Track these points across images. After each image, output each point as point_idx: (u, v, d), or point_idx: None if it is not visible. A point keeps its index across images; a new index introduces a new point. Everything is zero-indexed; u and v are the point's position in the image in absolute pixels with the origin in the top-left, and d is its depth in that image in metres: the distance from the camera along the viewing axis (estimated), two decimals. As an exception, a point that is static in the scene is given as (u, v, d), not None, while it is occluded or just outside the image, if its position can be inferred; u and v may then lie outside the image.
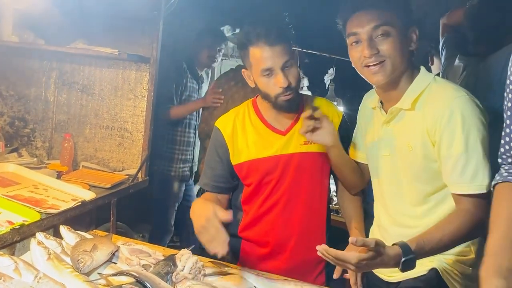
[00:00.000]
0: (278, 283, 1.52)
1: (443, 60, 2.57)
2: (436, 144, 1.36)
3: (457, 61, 2.38)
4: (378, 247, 1.16)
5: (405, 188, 1.48)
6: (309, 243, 1.73)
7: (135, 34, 2.57)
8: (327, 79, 4.38)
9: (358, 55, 1.40)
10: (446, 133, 1.32)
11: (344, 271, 1.66)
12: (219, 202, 1.76)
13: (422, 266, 1.41)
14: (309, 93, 4.19)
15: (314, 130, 1.57)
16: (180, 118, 3.32)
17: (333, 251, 1.19)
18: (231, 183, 1.81)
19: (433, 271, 1.42)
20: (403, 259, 1.16)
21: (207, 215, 1.37)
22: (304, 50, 4.58)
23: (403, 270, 1.18)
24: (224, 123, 1.79)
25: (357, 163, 1.72)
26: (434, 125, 1.35)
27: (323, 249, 1.21)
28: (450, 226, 1.29)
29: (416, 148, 1.41)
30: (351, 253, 1.18)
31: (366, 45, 1.36)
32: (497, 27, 2.19)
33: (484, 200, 1.31)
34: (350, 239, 1.15)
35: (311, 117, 1.56)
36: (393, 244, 1.21)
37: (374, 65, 1.37)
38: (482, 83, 2.18)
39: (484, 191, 1.29)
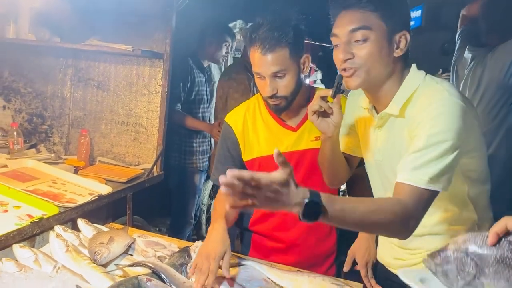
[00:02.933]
0: (291, 274, 1.54)
1: (455, 51, 2.57)
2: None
3: (466, 51, 2.37)
4: (292, 176, 1.00)
5: None
6: (318, 238, 1.74)
7: (148, 30, 2.58)
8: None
9: (337, 58, 1.31)
10: (420, 127, 1.22)
11: (354, 264, 1.67)
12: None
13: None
14: (323, 86, 4.20)
15: (323, 114, 1.40)
16: (190, 128, 3.35)
17: (240, 171, 0.93)
18: None
19: None
20: (306, 200, 1.02)
21: (216, 252, 1.42)
22: (317, 43, 4.57)
23: (303, 215, 1.01)
24: (234, 119, 1.77)
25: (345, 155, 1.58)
26: (416, 129, 1.24)
27: (231, 176, 0.92)
28: (373, 202, 1.18)
29: None
30: (265, 174, 0.97)
31: (342, 49, 1.27)
32: (510, 17, 2.18)
33: (424, 200, 1.18)
34: (275, 151, 0.97)
35: (325, 99, 1.38)
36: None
37: (349, 69, 1.28)
38: (488, 74, 2.17)
39: (422, 186, 1.16)
